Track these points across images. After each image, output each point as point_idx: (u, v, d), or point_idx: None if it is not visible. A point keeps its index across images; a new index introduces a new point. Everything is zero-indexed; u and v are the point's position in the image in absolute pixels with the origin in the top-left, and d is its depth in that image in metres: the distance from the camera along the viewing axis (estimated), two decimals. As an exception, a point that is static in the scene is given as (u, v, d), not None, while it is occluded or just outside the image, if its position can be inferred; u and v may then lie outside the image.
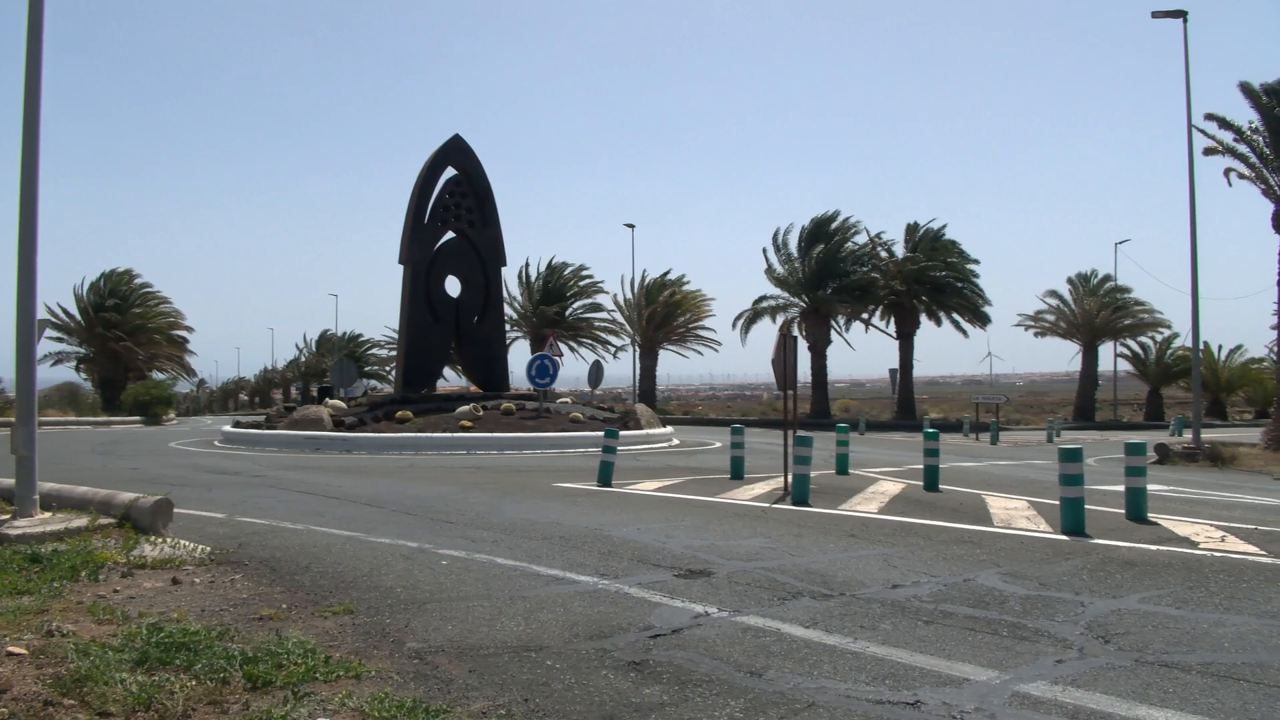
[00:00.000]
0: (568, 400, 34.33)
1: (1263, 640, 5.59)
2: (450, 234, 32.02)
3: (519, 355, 65.65)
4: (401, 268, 31.32)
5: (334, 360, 44.63)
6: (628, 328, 56.99)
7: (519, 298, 57.36)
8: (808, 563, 8.09)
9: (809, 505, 12.26)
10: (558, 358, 32.40)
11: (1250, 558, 8.43)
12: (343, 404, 31.39)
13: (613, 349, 58.67)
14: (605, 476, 15.09)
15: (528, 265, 58.83)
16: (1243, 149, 27.67)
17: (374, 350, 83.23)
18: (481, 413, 28.01)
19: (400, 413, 27.94)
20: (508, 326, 45.58)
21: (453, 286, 32.15)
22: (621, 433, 22.44)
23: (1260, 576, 7.53)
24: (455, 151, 32.15)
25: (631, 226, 53.73)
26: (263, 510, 11.58)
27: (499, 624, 5.87)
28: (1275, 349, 31.99)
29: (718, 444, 27.82)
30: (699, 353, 61.20)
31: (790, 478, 13.14)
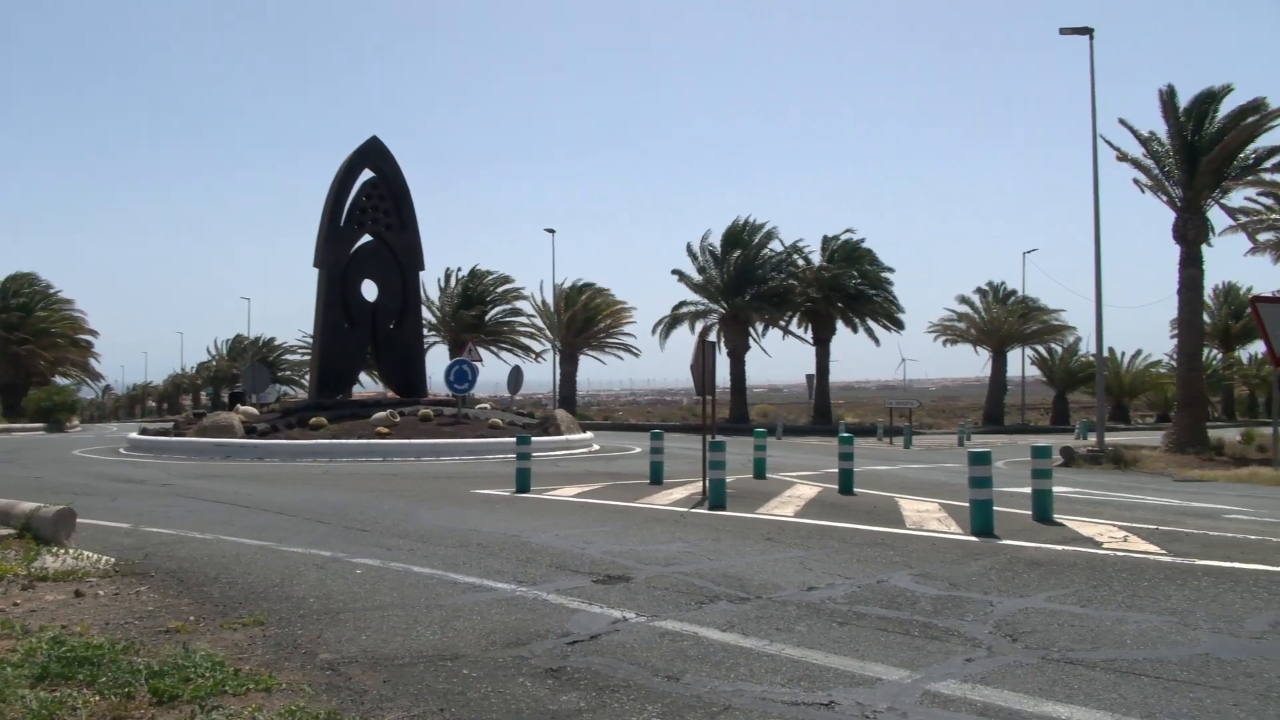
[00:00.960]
0: (487, 406, 34.10)
1: (1162, 636, 5.78)
2: (367, 237, 31.62)
3: (438, 360, 65.14)
4: (317, 271, 30.80)
5: (246, 365, 43.62)
6: (548, 333, 56.87)
7: (438, 302, 56.82)
8: (725, 566, 8.16)
9: (727, 510, 12.36)
10: (477, 363, 32.17)
11: (1151, 557, 8.72)
12: (255, 410, 30.74)
13: (533, 354, 58.53)
14: (524, 482, 15.02)
15: (447, 270, 58.40)
16: (1147, 161, 28.70)
17: (288, 355, 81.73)
18: (398, 419, 27.67)
19: (315, 419, 27.45)
20: (426, 331, 45.10)
21: (369, 290, 31.73)
22: (541, 438, 22.43)
23: (1161, 575, 7.79)
24: (373, 153, 31.74)
25: (552, 232, 53.71)
26: (170, 520, 11.28)
27: (414, 633, 5.81)
28: (1176, 355, 33.19)
29: (638, 449, 27.89)
30: (619, 358, 61.34)
31: (708, 482, 13.23)
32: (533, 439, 16.40)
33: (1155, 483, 18.85)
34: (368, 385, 45.70)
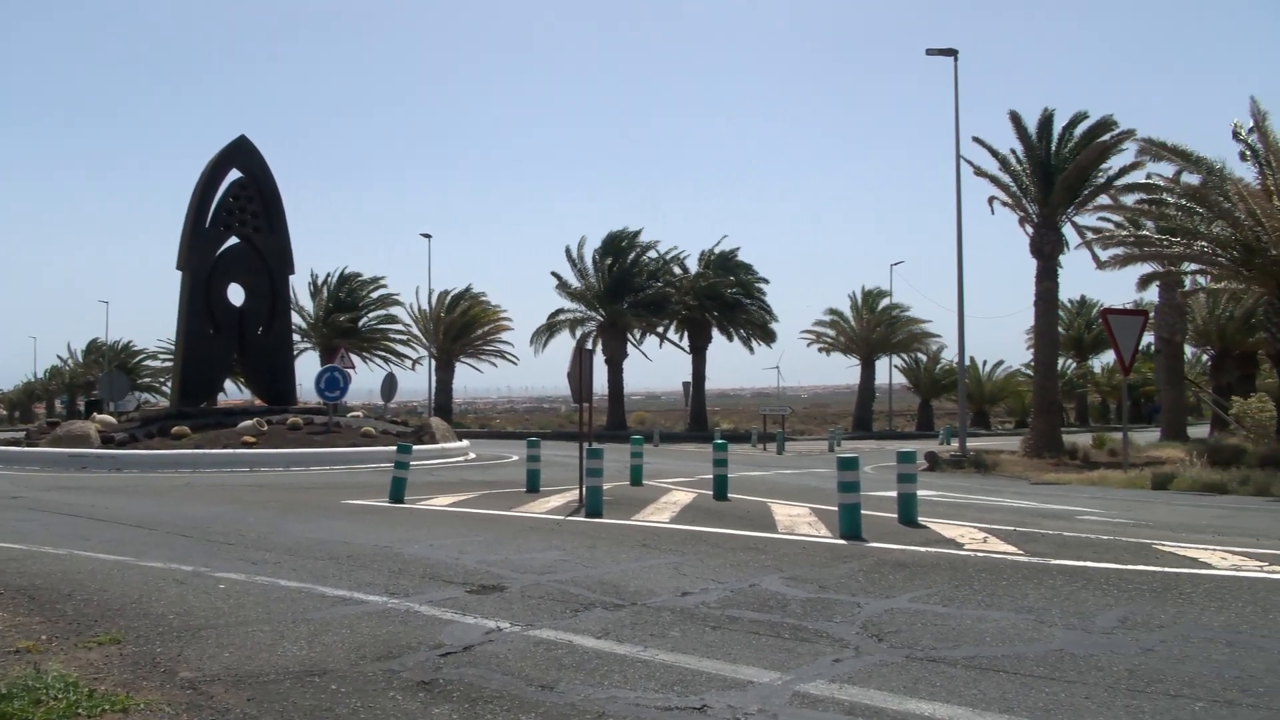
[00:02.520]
0: (359, 414, 33.39)
1: (1020, 634, 6.02)
2: (234, 239, 30.63)
3: (308, 368, 63.31)
4: (180, 274, 29.68)
5: (104, 372, 41.70)
6: (423, 340, 56.03)
7: (309, 307, 55.34)
8: (601, 574, 8.16)
9: (603, 517, 12.38)
10: (349, 370, 31.49)
11: (1009, 557, 9.08)
12: (113, 419, 29.39)
13: (408, 361, 57.51)
14: (397, 492, 14.75)
15: (318, 274, 56.93)
16: (1005, 179, 29.98)
17: (149, 361, 78.30)
18: (266, 428, 26.85)
19: (177, 428, 26.41)
20: (296, 337, 43.98)
21: (236, 295, 30.74)
22: (415, 447, 22.03)
23: (1018, 574, 8.11)
24: (241, 153, 30.78)
25: (428, 237, 52.98)
26: (20, 534, 10.68)
27: (281, 649, 5.63)
28: (1033, 364, 34.67)
29: (515, 457, 27.69)
30: (494, 365, 60.89)
31: (585, 490, 13.24)
32: (410, 448, 16.11)
33: (1014, 486, 19.64)
34: (234, 393, 44.25)
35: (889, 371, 62.22)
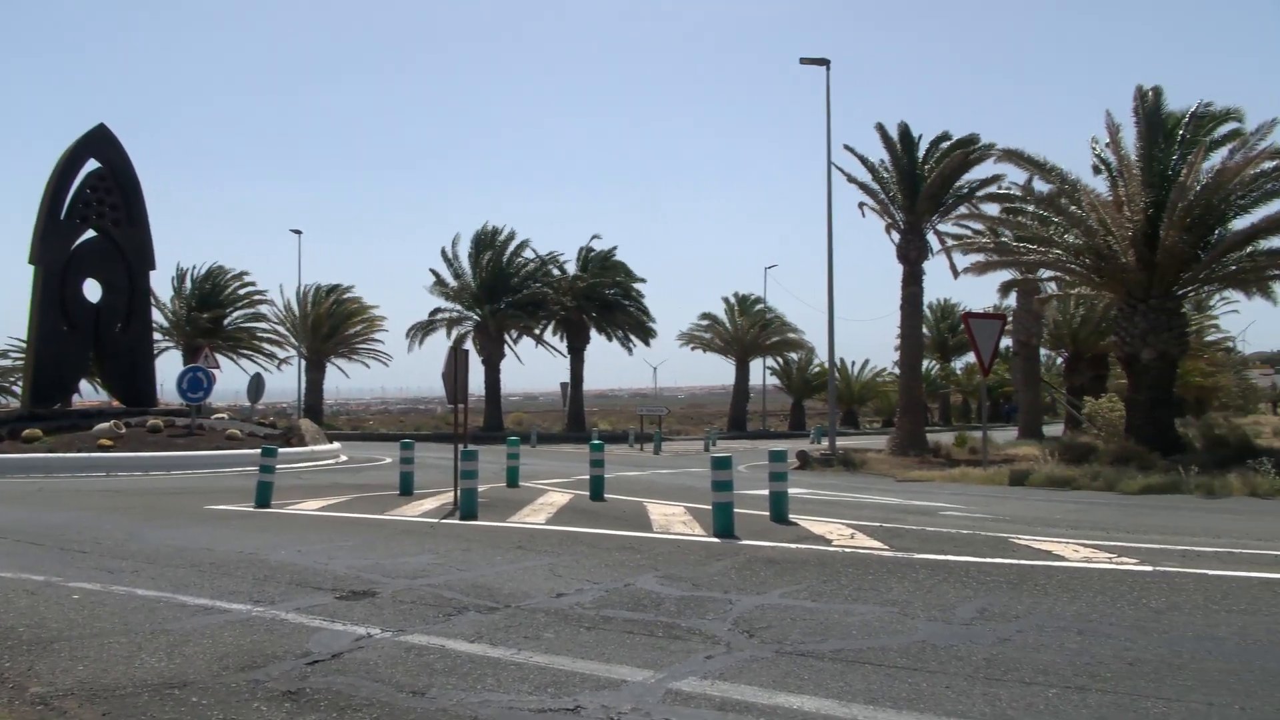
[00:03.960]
0: (224, 416, 32.30)
1: (884, 626, 6.21)
2: (91, 232, 29.22)
3: (170, 367, 60.85)
4: (33, 269, 28.17)
5: (-56, 372, 39.33)
6: (293, 339, 54.47)
7: (170, 304, 53.13)
8: (475, 577, 8.09)
9: (478, 519, 12.27)
10: (214, 370, 30.44)
11: (876, 552, 9.35)
12: (-46, 422, 27.70)
13: (276, 361, 55.75)
14: (263, 497, 14.32)
15: (181, 268, 54.64)
16: (874, 186, 30.88)
17: (-3, 360, 74.11)
18: (124, 430, 25.73)
19: (28, 431, 25.04)
20: (158, 335, 42.25)
21: (93, 290, 29.33)
22: (283, 450, 21.47)
23: (884, 569, 8.36)
24: (99, 142, 29.40)
25: (298, 233, 51.56)
26: None
27: (138, 661, 5.41)
28: (899, 365, 35.76)
29: (388, 460, 27.20)
30: (368, 365, 59.69)
31: (460, 492, 13.09)
32: (276, 451, 15.66)
33: (880, 483, 20.23)
34: (90, 394, 42.24)
35: (763, 372, 63.45)
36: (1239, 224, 22.62)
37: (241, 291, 55.05)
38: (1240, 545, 9.77)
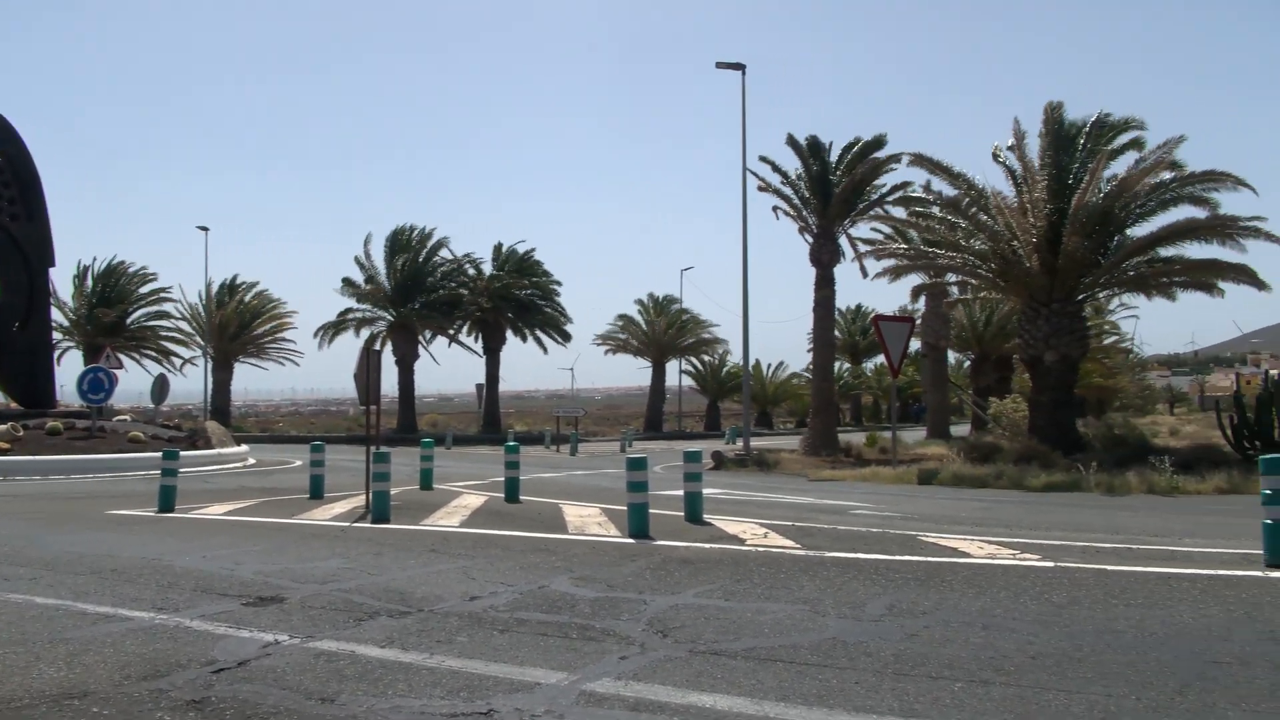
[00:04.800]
0: (127, 418, 31.32)
1: (795, 624, 6.29)
2: (-14, 228, 28.09)
3: (70, 368, 58.84)
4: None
5: None
6: (199, 338, 53.05)
7: (71, 302, 51.34)
8: (386, 581, 7.98)
9: (391, 523, 12.11)
10: (116, 370, 29.49)
11: (788, 551, 9.47)
12: None
13: (181, 361, 54.19)
14: (166, 501, 13.93)
15: (82, 265, 52.76)
16: (787, 191, 31.27)
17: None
18: (21, 433, 24.76)
19: (-87, 435, 23.97)
20: (58, 335, 40.83)
21: (-13, 289, 28.18)
22: (188, 453, 20.93)
23: (795, 567, 8.47)
24: (-5, 135, 28.27)
25: (205, 229, 50.24)
26: None
27: (36, 671, 5.22)
28: (811, 367, 36.28)
29: (298, 462, 26.68)
30: (280, 364, 58.45)
31: (371, 495, 12.91)
32: (180, 453, 15.25)
33: (793, 483, 20.48)
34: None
35: (679, 374, 63.78)
36: (1138, 231, 23.48)
37: (145, 289, 53.45)
38: (1138, 541, 10.11)
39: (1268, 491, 8.10)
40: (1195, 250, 22.66)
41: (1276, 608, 6.42)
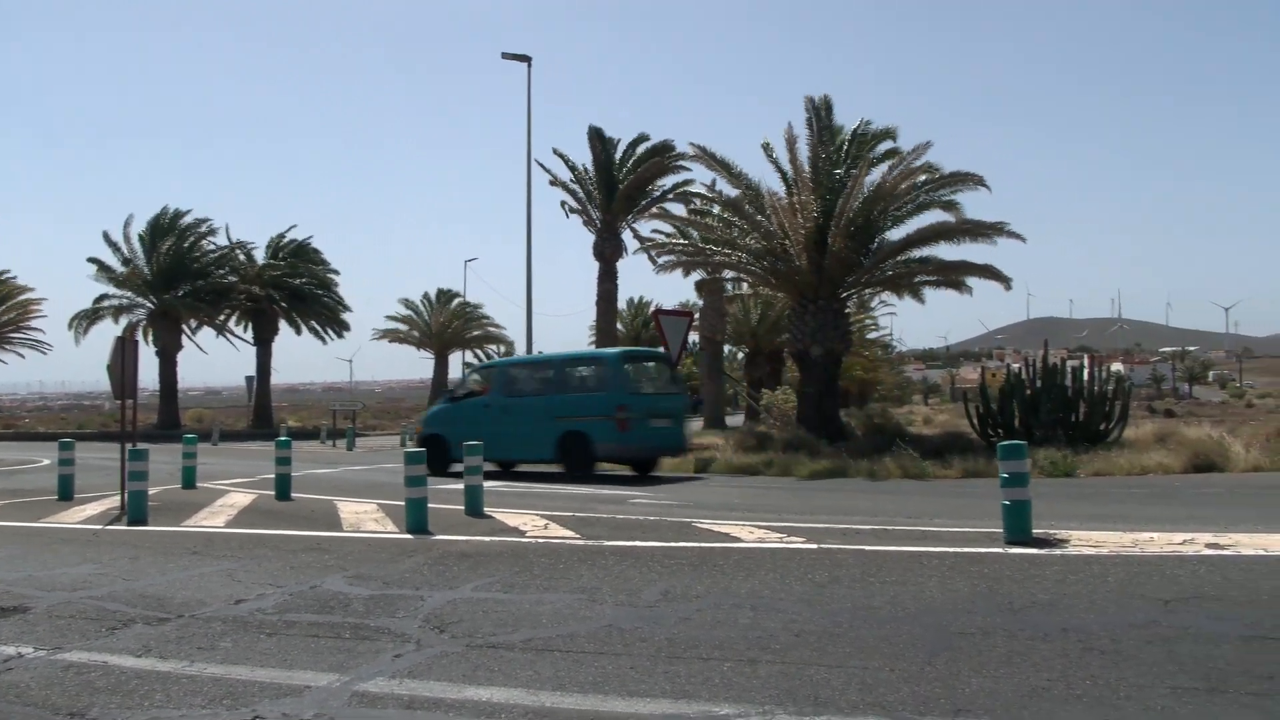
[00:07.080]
0: None
1: (574, 613, 6.36)
2: None
3: None
4: None
5: None
6: (-73, 327, 48.15)
7: None
8: (143, 586, 7.53)
9: (149, 524, 11.43)
10: None
11: (568, 541, 9.56)
12: None
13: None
14: (-111, 506, 12.60)
15: None
16: (574, 186, 31.52)
17: None
18: None
19: None
20: None
21: None
22: (-85, 453, 18.89)
23: (575, 557, 8.57)
24: None
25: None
26: None
27: None
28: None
29: (46, 461, 24.65)
30: (21, 356, 53.68)
31: (127, 495, 12.12)
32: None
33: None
34: None
35: (462, 366, 63.03)
36: (897, 233, 25.01)
37: None
38: (894, 522, 10.75)
39: (1005, 475, 8.83)
40: (946, 251, 24.37)
41: (1014, 581, 7.00)
